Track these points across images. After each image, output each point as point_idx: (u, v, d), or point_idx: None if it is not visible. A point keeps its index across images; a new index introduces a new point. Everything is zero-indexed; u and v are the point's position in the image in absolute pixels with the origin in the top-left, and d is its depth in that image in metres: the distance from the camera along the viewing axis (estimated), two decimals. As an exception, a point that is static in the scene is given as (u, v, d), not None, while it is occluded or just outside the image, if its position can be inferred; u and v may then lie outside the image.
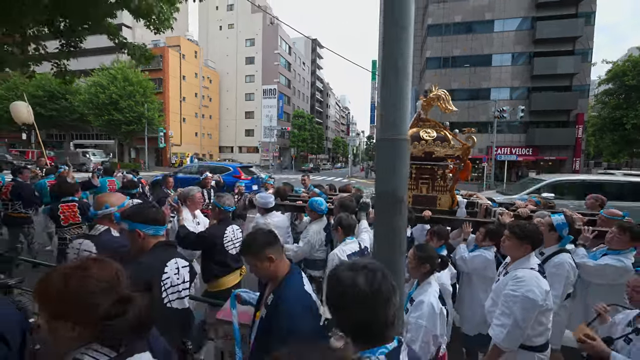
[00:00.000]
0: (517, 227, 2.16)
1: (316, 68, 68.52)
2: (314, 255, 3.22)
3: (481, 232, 3.04)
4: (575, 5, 27.54)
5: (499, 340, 1.99)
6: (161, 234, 1.71)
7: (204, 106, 46.10)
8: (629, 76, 20.06)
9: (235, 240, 3.04)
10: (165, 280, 1.59)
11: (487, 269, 2.83)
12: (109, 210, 2.11)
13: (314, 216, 3.32)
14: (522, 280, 1.99)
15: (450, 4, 30.49)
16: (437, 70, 31.07)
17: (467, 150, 3.83)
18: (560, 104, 27.80)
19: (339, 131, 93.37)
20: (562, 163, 28.81)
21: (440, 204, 3.92)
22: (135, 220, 1.64)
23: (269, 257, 1.52)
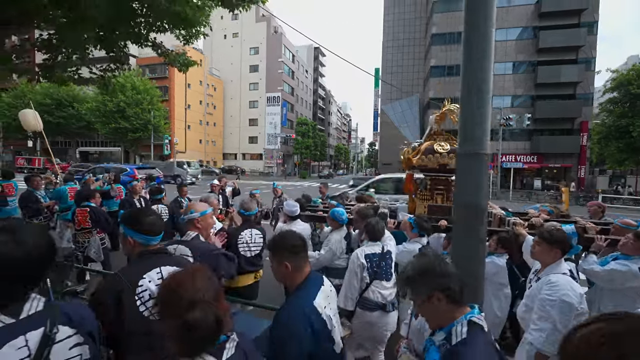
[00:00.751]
0: (547, 233, 2.21)
1: (318, 76, 69.14)
2: (334, 263, 3.32)
3: (494, 239, 3.12)
4: (577, 15, 27.96)
5: (539, 345, 2.00)
6: (153, 244, 1.62)
7: (209, 114, 46.38)
8: (634, 85, 20.25)
9: (252, 244, 3.08)
10: (141, 293, 1.45)
11: (498, 275, 2.92)
12: (193, 216, 2.21)
13: (335, 225, 3.42)
14: (557, 284, 2.03)
15: (454, 13, 30.94)
16: (441, 78, 31.39)
17: None
18: (564, 111, 28.02)
19: (340, 138, 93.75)
20: (567, 170, 28.90)
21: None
22: (128, 226, 1.59)
23: (284, 264, 1.51)
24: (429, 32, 33.49)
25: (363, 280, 2.75)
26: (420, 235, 3.24)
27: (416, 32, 39.36)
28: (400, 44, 40.08)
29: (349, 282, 2.78)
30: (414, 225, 3.23)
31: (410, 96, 38.34)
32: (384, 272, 2.82)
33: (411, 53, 39.75)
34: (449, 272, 1.23)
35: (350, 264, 2.80)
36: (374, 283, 2.75)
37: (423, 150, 4.17)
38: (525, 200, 22.70)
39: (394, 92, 41.28)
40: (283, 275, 1.54)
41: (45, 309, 1.02)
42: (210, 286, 1.03)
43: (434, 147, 4.10)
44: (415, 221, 3.25)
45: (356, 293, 2.76)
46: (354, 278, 2.74)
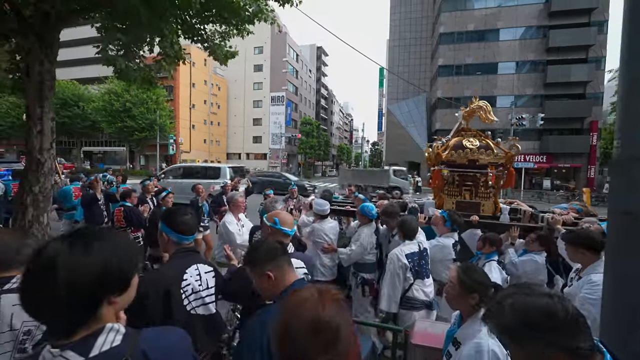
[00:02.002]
0: (572, 236, 2.27)
1: (321, 75, 68.99)
2: (365, 258, 3.34)
3: (532, 237, 3.10)
4: (587, 14, 27.77)
5: None
6: (186, 242, 1.70)
7: (213, 113, 46.20)
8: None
9: None
10: (185, 287, 1.58)
11: (539, 273, 2.93)
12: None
13: (364, 220, 3.44)
14: (598, 284, 1.98)
15: (462, 12, 30.75)
16: (449, 77, 31.20)
17: (511, 158, 3.94)
18: (574, 111, 27.84)
19: (342, 138, 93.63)
20: (577, 170, 28.73)
21: (484, 210, 4.03)
22: (166, 223, 1.67)
23: (266, 274, 1.34)
24: (436, 31, 33.28)
25: (407, 280, 2.73)
26: (452, 230, 3.19)
27: (422, 32, 39.19)
28: (406, 43, 39.91)
29: (391, 285, 2.71)
30: (447, 219, 3.18)
31: (416, 96, 38.15)
32: (424, 270, 2.81)
33: (417, 52, 39.57)
34: (579, 326, 0.83)
35: (390, 265, 2.76)
36: (416, 282, 2.74)
37: (452, 145, 4.14)
38: (537, 201, 22.52)
39: (400, 92, 41.11)
40: (269, 288, 1.36)
41: (124, 342, 0.79)
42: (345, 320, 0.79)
43: (462, 143, 4.08)
44: (449, 215, 3.19)
45: (399, 295, 2.72)
46: (397, 279, 2.69)
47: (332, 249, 3.46)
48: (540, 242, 3.03)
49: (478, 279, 1.59)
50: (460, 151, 4.00)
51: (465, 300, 1.57)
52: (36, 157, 3.17)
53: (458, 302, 1.62)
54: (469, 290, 1.56)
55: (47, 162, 3.25)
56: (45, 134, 3.21)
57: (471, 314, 1.57)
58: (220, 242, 3.70)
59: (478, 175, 4.13)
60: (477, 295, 1.55)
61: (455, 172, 4.15)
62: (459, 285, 1.60)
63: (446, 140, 4.40)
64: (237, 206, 3.77)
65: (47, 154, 3.24)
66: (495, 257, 2.98)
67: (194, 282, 1.62)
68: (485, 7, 30.23)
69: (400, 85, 41.35)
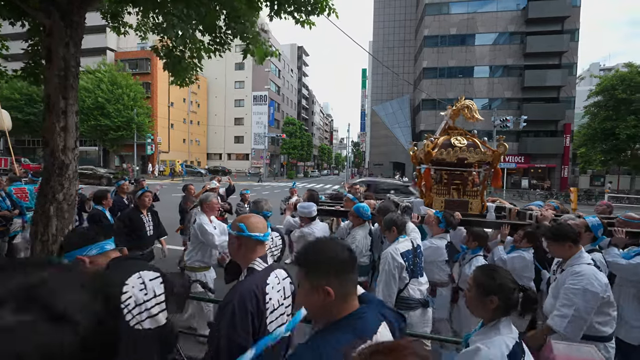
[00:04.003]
0: (549, 232, 2.33)
1: (302, 75, 68.59)
2: (358, 260, 3.13)
3: (519, 234, 3.14)
4: (561, 22, 29.34)
5: (560, 329, 2.04)
6: (108, 249, 1.47)
7: (192, 112, 44.51)
8: (619, 90, 21.43)
9: (274, 248, 2.94)
10: (126, 300, 1.38)
11: (526, 269, 2.97)
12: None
13: (358, 222, 3.32)
14: (581, 274, 2.10)
15: (445, 17, 31.53)
16: (434, 80, 31.88)
17: (498, 157, 4.00)
18: (549, 114, 29.34)
19: (323, 138, 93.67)
20: (551, 170, 30.27)
21: (472, 209, 4.09)
22: (70, 249, 1.40)
23: (324, 289, 0.99)
24: (420, 34, 33.92)
25: (402, 280, 2.63)
26: (446, 231, 3.13)
27: (406, 34, 39.84)
28: (390, 45, 40.41)
29: (386, 286, 2.60)
30: (442, 220, 3.10)
31: (400, 97, 38.72)
32: (419, 268, 2.74)
33: (401, 54, 40.17)
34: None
35: (384, 265, 2.65)
36: (412, 281, 2.66)
37: (440, 144, 4.12)
38: (518, 199, 23.42)
39: (384, 93, 41.57)
40: (320, 307, 1.00)
41: None
42: None
43: (450, 141, 4.08)
44: (444, 216, 3.12)
45: (395, 295, 2.61)
46: (392, 280, 2.59)
47: None
48: (528, 239, 3.09)
49: (497, 279, 1.38)
50: (449, 149, 4.00)
51: (483, 304, 1.37)
52: (60, 158, 2.66)
53: (476, 306, 1.42)
54: (486, 292, 1.37)
55: (72, 164, 2.74)
56: (70, 131, 2.70)
57: (490, 320, 1.37)
58: (193, 246, 3.45)
59: (466, 174, 4.16)
60: (495, 298, 1.34)
61: (443, 170, 4.17)
62: (475, 287, 1.42)
63: (435, 139, 4.35)
64: (211, 207, 3.53)
65: (71, 154, 2.73)
66: (480, 252, 3.04)
67: (137, 292, 1.43)
68: (467, 12, 31.18)
69: (384, 86, 41.83)
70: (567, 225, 2.39)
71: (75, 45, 2.76)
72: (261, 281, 1.38)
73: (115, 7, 4.23)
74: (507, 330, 1.32)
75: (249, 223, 1.49)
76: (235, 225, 1.50)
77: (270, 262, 1.55)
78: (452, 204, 3.99)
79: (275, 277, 1.47)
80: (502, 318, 1.35)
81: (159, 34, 3.88)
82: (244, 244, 1.47)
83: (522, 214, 3.84)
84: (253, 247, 1.48)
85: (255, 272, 1.44)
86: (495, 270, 1.44)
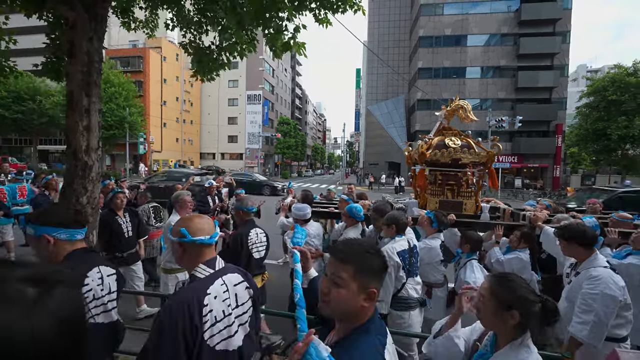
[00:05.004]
0: (565, 231, 2.28)
1: (295, 75, 68.33)
2: None
3: (516, 235, 3.15)
4: (552, 24, 29.84)
5: (582, 337, 2.02)
6: (78, 238, 1.46)
7: (185, 111, 43.96)
8: (609, 91, 21.88)
9: (259, 244, 2.94)
10: (86, 293, 1.39)
11: (524, 271, 2.97)
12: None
13: (351, 222, 3.30)
14: (598, 278, 2.07)
15: (440, 17, 31.76)
16: (429, 80, 32.08)
17: (492, 157, 4.01)
18: (541, 114, 29.83)
19: (316, 138, 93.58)
20: (544, 170, 30.79)
21: (466, 209, 4.10)
22: (42, 223, 1.37)
23: (371, 291, 0.99)
24: (415, 34, 34.09)
25: (399, 279, 2.61)
26: (439, 231, 3.14)
27: (400, 34, 40.00)
28: (385, 45, 40.53)
29: (383, 285, 2.48)
30: (434, 220, 3.10)
31: (395, 97, 38.86)
32: (415, 268, 2.73)
33: (395, 54, 40.33)
34: None
35: None
36: (408, 280, 2.65)
37: (435, 144, 4.13)
38: (513, 199, 23.73)
39: (379, 93, 41.66)
40: (359, 308, 0.98)
41: None
42: None
43: (445, 142, 4.09)
44: (435, 216, 3.12)
45: (390, 295, 2.58)
46: (388, 279, 2.55)
47: (319, 254, 3.23)
48: (524, 240, 3.09)
49: (518, 291, 1.25)
50: (444, 150, 4.00)
51: (502, 319, 1.25)
52: (83, 159, 2.51)
53: (492, 321, 1.30)
54: (506, 306, 1.24)
55: (95, 165, 2.59)
56: (93, 130, 2.55)
57: (510, 337, 1.24)
58: (167, 248, 3.39)
59: (460, 175, 4.18)
60: (517, 313, 1.22)
61: (438, 171, 4.17)
62: (492, 300, 1.28)
63: (429, 139, 4.35)
64: (184, 206, 3.48)
65: (94, 155, 2.58)
66: (475, 256, 3.03)
67: (96, 286, 1.43)
68: (461, 14, 31.46)
69: (379, 86, 41.93)
70: (587, 228, 2.33)
71: (99, 39, 2.62)
72: (200, 291, 1.23)
73: (128, 2, 4.07)
74: (534, 348, 1.22)
75: (192, 226, 1.33)
76: (175, 231, 1.33)
77: (223, 265, 1.39)
78: (447, 205, 4.02)
79: (222, 284, 1.30)
80: (526, 335, 1.24)
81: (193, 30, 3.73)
82: (188, 250, 1.32)
83: (516, 214, 3.87)
84: (198, 252, 1.33)
85: (197, 280, 1.29)
86: (513, 280, 1.30)
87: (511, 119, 22.38)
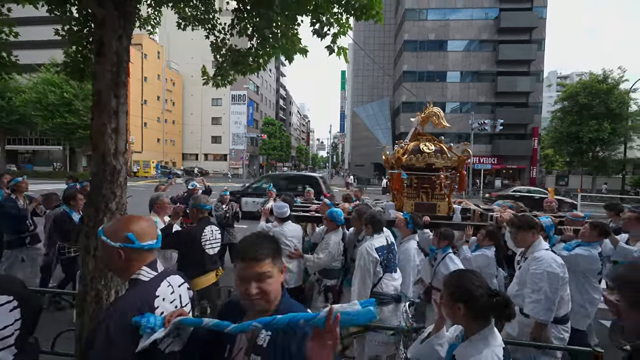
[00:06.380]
0: (517, 220, 2.55)
1: (280, 75, 67.94)
2: (331, 265, 3.29)
3: (482, 233, 3.37)
4: (529, 32, 31.27)
5: (537, 314, 2.22)
6: None
7: (167, 110, 42.68)
8: (581, 96, 23.17)
9: (214, 240, 3.03)
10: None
11: (489, 266, 3.21)
12: None
13: (332, 226, 3.33)
14: (541, 259, 2.32)
15: (424, 22, 32.52)
16: (413, 83, 32.77)
17: (463, 162, 4.25)
18: (519, 118, 31.13)
19: (299, 139, 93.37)
20: (521, 171, 32.15)
21: (440, 211, 4.34)
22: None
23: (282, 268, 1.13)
24: (400, 38, 34.74)
25: (376, 275, 2.67)
26: (414, 232, 3.25)
27: (385, 38, 40.63)
28: (370, 49, 41.02)
29: (362, 281, 2.68)
30: (410, 221, 3.22)
31: (380, 99, 39.41)
32: (392, 264, 2.81)
33: (381, 57, 40.91)
34: None
35: (360, 261, 2.71)
36: (385, 276, 2.71)
37: (410, 150, 4.34)
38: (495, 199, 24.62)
39: (364, 95, 42.12)
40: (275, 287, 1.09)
41: None
42: None
43: (420, 147, 4.29)
44: (411, 217, 3.24)
45: (369, 291, 2.66)
46: (367, 275, 2.66)
47: (299, 254, 3.31)
48: (490, 238, 3.30)
49: (464, 285, 1.31)
50: (418, 155, 4.20)
51: (453, 312, 1.33)
52: (111, 164, 2.39)
53: (448, 314, 1.37)
54: (454, 299, 1.32)
55: (123, 169, 2.49)
56: (121, 133, 2.44)
57: (471, 330, 1.32)
58: None
59: (434, 178, 4.41)
60: (462, 305, 1.29)
61: (413, 175, 4.38)
62: (446, 294, 1.37)
63: (405, 144, 4.55)
64: (162, 208, 3.47)
65: (122, 158, 2.47)
66: (450, 250, 3.16)
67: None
68: (443, 19, 32.35)
69: (364, 88, 42.39)
70: (529, 216, 2.64)
71: (128, 38, 2.51)
72: (149, 293, 1.19)
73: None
74: (494, 340, 1.28)
75: (139, 230, 1.22)
76: (118, 234, 1.19)
77: (164, 268, 1.32)
78: (422, 207, 4.22)
79: (168, 285, 1.27)
80: (487, 327, 1.29)
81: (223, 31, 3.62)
82: (128, 256, 1.20)
83: (485, 215, 4.18)
84: (143, 257, 1.24)
85: (141, 283, 1.22)
86: (463, 276, 1.37)
87: (493, 122, 23.21)
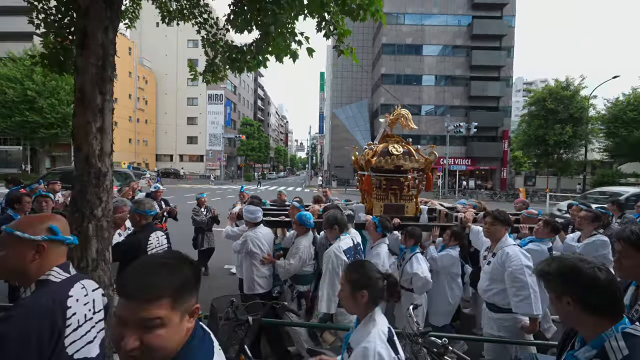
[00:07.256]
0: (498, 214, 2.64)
1: (258, 75, 67.10)
2: (302, 270, 3.21)
3: (447, 233, 3.46)
4: (499, 40, 32.82)
5: (530, 311, 2.28)
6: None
7: (139, 109, 40.87)
8: (548, 101, 24.61)
9: (159, 247, 2.77)
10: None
11: (454, 266, 3.30)
12: None
13: (302, 230, 3.26)
14: (513, 256, 2.42)
15: (402, 26, 33.29)
16: (391, 86, 33.43)
17: (430, 164, 4.39)
18: (490, 121, 32.57)
19: (278, 140, 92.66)
20: (493, 172, 33.63)
21: (407, 212, 4.43)
22: None
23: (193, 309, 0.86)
24: (378, 41, 35.34)
25: None
26: (383, 235, 3.24)
27: (364, 41, 41.16)
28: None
29: (330, 284, 2.66)
30: (378, 224, 3.20)
31: (359, 101, 39.87)
32: None
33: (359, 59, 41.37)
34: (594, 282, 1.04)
35: (328, 264, 2.68)
36: None
37: (379, 152, 4.37)
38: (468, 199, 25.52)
39: (343, 97, 42.43)
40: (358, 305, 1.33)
41: None
42: None
43: (388, 149, 4.34)
44: (380, 221, 3.22)
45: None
46: (336, 278, 2.63)
47: (271, 260, 3.21)
48: (454, 238, 3.39)
49: (366, 272, 1.44)
50: (388, 157, 4.24)
51: (355, 300, 1.42)
52: (96, 166, 2.19)
53: (350, 304, 1.45)
54: (357, 287, 1.41)
55: (109, 172, 2.30)
56: (107, 133, 2.26)
57: (363, 314, 1.43)
58: None
59: (402, 179, 4.46)
60: (365, 292, 1.39)
61: (382, 177, 4.41)
62: (346, 285, 1.45)
63: (374, 146, 4.58)
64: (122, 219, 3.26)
65: (108, 160, 2.29)
66: (417, 250, 3.20)
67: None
68: (420, 24, 33.28)
69: (344, 90, 42.71)
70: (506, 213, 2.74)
71: (114, 30, 2.33)
72: (62, 294, 1.15)
73: None
74: (380, 320, 1.41)
75: (59, 224, 1.20)
76: (39, 227, 1.15)
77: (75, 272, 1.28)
78: (390, 208, 4.25)
79: (82, 287, 1.23)
80: (374, 310, 1.42)
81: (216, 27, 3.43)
82: (48, 251, 1.17)
83: (450, 215, 4.25)
84: (59, 254, 1.21)
85: (52, 284, 1.17)
86: (362, 265, 1.50)
87: (467, 124, 24.10)
